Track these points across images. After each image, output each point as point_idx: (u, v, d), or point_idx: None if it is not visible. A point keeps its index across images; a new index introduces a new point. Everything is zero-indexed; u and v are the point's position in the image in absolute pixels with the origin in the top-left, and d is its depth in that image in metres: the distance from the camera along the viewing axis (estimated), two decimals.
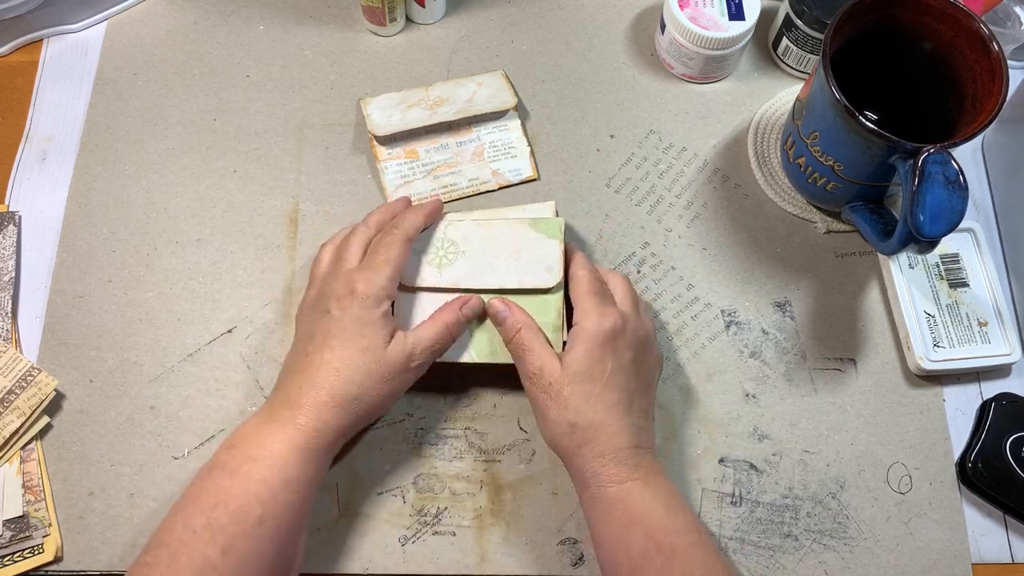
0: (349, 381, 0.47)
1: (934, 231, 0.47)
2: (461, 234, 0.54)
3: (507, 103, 0.62)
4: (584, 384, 0.47)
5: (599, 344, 0.48)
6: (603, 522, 0.46)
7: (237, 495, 0.43)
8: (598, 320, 0.48)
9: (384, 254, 0.49)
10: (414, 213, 0.53)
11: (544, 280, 0.52)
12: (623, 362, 0.49)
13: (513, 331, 0.50)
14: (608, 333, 0.48)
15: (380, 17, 0.64)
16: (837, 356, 0.58)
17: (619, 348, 0.49)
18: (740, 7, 0.61)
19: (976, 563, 0.53)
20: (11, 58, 0.64)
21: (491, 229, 0.54)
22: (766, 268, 0.60)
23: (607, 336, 0.48)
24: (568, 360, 0.48)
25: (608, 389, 0.47)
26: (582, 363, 0.48)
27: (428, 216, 0.53)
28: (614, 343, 0.48)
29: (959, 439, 0.56)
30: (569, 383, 0.47)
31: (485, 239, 0.54)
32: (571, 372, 0.47)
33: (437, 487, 0.53)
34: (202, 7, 0.66)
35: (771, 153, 0.63)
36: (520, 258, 0.53)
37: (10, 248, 0.57)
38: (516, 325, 0.50)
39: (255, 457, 0.45)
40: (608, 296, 0.51)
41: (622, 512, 0.46)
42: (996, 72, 0.50)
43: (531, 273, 0.52)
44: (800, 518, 0.54)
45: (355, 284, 0.48)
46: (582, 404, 0.47)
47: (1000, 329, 0.58)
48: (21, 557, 0.49)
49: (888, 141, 0.49)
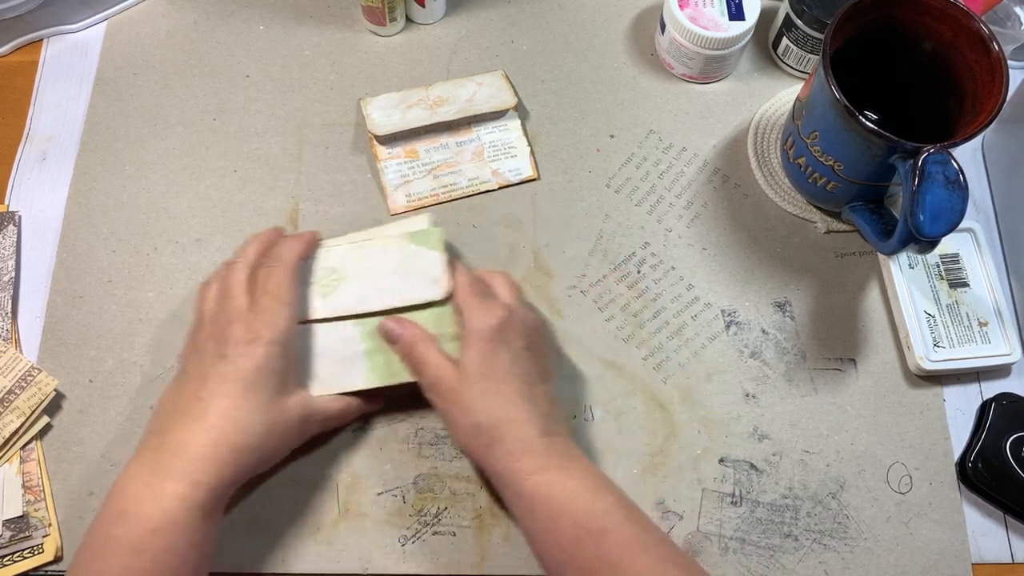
0: (248, 432, 0.45)
1: (934, 231, 0.47)
2: (339, 259, 0.53)
3: (507, 103, 0.62)
4: (482, 383, 0.47)
5: (488, 340, 0.48)
6: (529, 518, 0.45)
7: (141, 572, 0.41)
8: (483, 317, 0.48)
9: (275, 291, 0.48)
10: (293, 241, 0.51)
11: (432, 293, 0.51)
12: (516, 352, 0.48)
13: (408, 347, 0.49)
14: (496, 327, 0.48)
15: (380, 17, 0.64)
16: (837, 356, 0.58)
17: (510, 339, 0.48)
18: (740, 7, 0.61)
19: (976, 563, 0.53)
20: (11, 58, 0.64)
21: (369, 249, 0.53)
22: (766, 268, 0.60)
23: (495, 330, 0.48)
24: (463, 364, 0.47)
25: (506, 383, 0.47)
26: (476, 363, 0.47)
27: (307, 244, 0.52)
28: (504, 335, 0.48)
29: (959, 439, 0.56)
30: (468, 385, 0.47)
31: (364, 259, 0.53)
32: (467, 374, 0.47)
33: (437, 487, 0.53)
34: (202, 7, 0.66)
35: (771, 153, 0.63)
36: (404, 275, 0.52)
37: (10, 248, 0.57)
38: (411, 340, 0.49)
39: (153, 529, 0.42)
40: (490, 294, 0.51)
41: (545, 504, 0.45)
42: (996, 72, 0.50)
43: (418, 288, 0.52)
44: (800, 518, 0.54)
45: (258, 329, 0.46)
46: (483, 403, 0.47)
47: (1000, 329, 0.58)
48: (21, 557, 0.49)
49: (888, 141, 0.49)
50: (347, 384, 0.51)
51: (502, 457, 0.46)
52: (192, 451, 0.44)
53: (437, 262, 0.52)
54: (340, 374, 0.51)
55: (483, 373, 0.47)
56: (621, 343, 0.57)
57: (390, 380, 0.51)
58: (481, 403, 0.46)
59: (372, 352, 0.51)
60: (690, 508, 0.53)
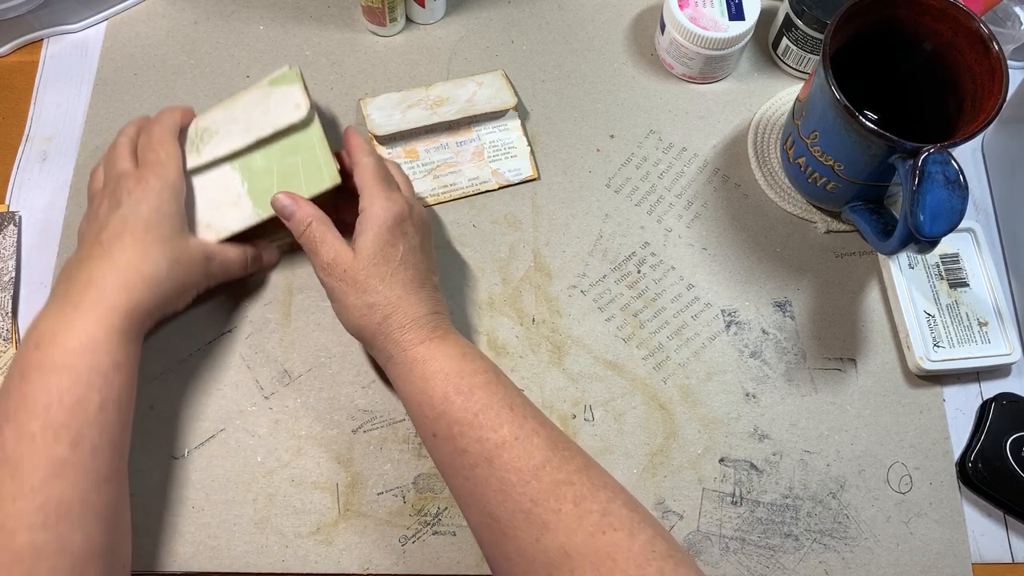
0: (154, 262, 0.47)
1: (934, 231, 0.47)
2: (210, 120, 0.55)
3: (507, 103, 0.62)
4: (379, 266, 0.48)
5: (388, 228, 0.49)
6: (406, 380, 0.48)
7: (69, 388, 0.42)
8: (386, 205, 0.49)
9: (162, 150, 0.51)
10: (169, 112, 0.54)
11: (294, 115, 0.54)
12: (413, 244, 0.50)
13: (303, 225, 0.50)
14: (397, 216, 0.49)
15: (380, 17, 0.64)
16: (837, 356, 0.58)
17: (408, 231, 0.50)
18: (740, 7, 0.61)
19: (976, 563, 0.54)
20: (11, 58, 0.64)
21: (237, 103, 0.55)
22: (766, 268, 0.60)
23: (396, 220, 0.49)
24: (360, 245, 0.49)
25: (402, 268, 0.49)
26: (374, 247, 0.49)
27: (182, 112, 0.54)
28: (403, 226, 0.50)
29: (959, 439, 0.56)
30: (364, 267, 0.48)
31: (234, 112, 0.55)
32: (364, 256, 0.48)
33: (437, 487, 0.53)
34: (202, 7, 0.66)
35: (771, 153, 0.63)
36: (269, 111, 0.54)
37: (10, 248, 0.57)
38: (306, 219, 0.50)
39: (75, 348, 0.43)
40: (394, 182, 0.52)
41: (422, 368, 0.47)
42: (996, 72, 0.50)
43: (280, 115, 0.54)
44: (800, 518, 0.54)
45: (148, 177, 0.49)
46: (379, 284, 0.48)
47: (1000, 329, 0.58)
48: None
49: (888, 141, 0.49)
50: (238, 223, 0.53)
51: (392, 330, 0.48)
52: (101, 283, 0.46)
53: (296, 91, 0.55)
54: (229, 216, 0.53)
55: (380, 256, 0.49)
56: (621, 343, 0.57)
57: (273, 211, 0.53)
58: (377, 284, 0.48)
59: (254, 191, 0.54)
60: (690, 508, 0.53)
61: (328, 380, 0.55)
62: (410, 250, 0.50)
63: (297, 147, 0.54)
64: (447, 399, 0.46)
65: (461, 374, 0.47)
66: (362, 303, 0.48)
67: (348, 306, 0.49)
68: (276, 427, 0.54)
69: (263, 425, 0.54)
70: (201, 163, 0.53)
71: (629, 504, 0.43)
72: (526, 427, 0.45)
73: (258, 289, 0.57)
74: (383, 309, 0.48)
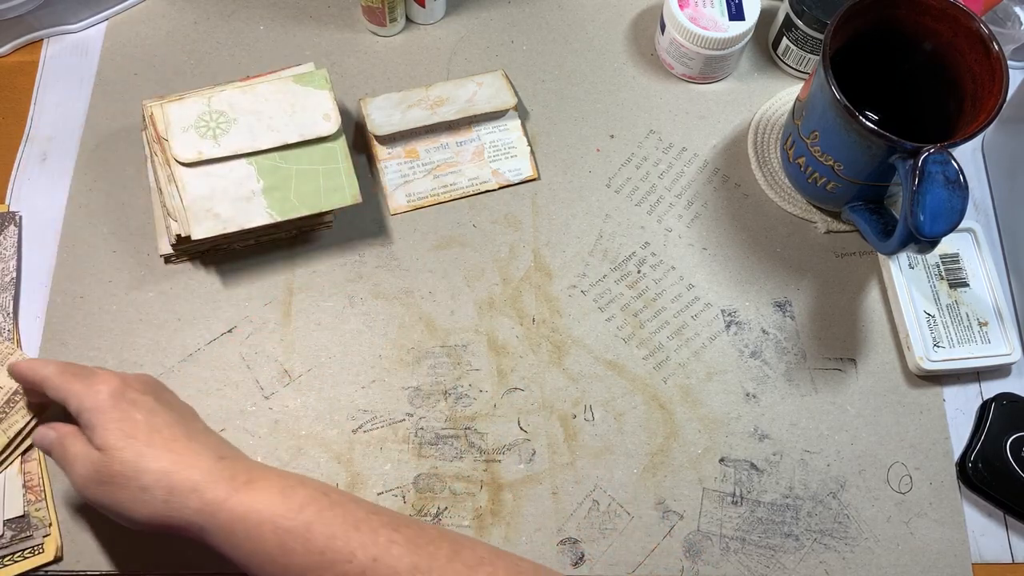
0: None
1: (934, 231, 0.47)
2: (227, 102, 0.55)
3: (507, 103, 0.62)
4: (128, 447, 0.42)
5: (112, 407, 0.43)
6: (232, 547, 0.41)
7: None
8: (93, 391, 0.43)
9: None
10: None
11: (324, 128, 0.55)
12: (150, 406, 0.44)
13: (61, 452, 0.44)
14: (112, 394, 0.44)
15: (380, 17, 0.64)
16: (837, 356, 0.58)
17: (136, 400, 0.44)
18: (740, 7, 0.61)
19: (976, 563, 0.53)
20: (11, 58, 0.64)
21: (255, 92, 0.55)
22: (766, 268, 0.60)
23: (113, 397, 0.43)
24: (100, 442, 0.42)
25: (154, 433, 0.43)
26: (113, 432, 0.42)
27: None
28: (127, 397, 0.44)
29: (959, 439, 0.56)
30: (114, 457, 0.42)
31: (254, 102, 0.55)
32: (108, 448, 0.42)
33: (437, 487, 0.53)
34: (202, 7, 0.66)
35: (771, 153, 0.63)
36: (295, 113, 0.54)
37: (11, 248, 0.57)
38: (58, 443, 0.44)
39: None
40: (86, 370, 0.46)
41: (243, 526, 0.41)
42: (996, 72, 0.50)
43: (310, 124, 0.54)
44: (801, 518, 0.54)
45: None
46: (140, 462, 0.42)
47: (1000, 329, 0.58)
48: (21, 557, 0.49)
49: (888, 141, 0.49)
50: (248, 221, 0.53)
51: (185, 501, 0.41)
52: None
53: (326, 99, 0.55)
54: (240, 212, 0.53)
55: (125, 436, 0.42)
56: (621, 343, 0.57)
57: (289, 215, 0.54)
58: (138, 463, 0.42)
59: (269, 189, 0.53)
60: (690, 508, 0.53)
61: (328, 380, 0.55)
62: (152, 412, 0.44)
63: (320, 155, 0.54)
64: (286, 549, 0.40)
65: (288, 514, 0.41)
66: (135, 490, 0.41)
67: (121, 505, 0.42)
68: (276, 427, 0.54)
69: (263, 425, 0.54)
70: (219, 155, 0.53)
71: (511, 569, 0.41)
72: (379, 542, 0.41)
73: (258, 289, 0.57)
74: (160, 486, 0.41)
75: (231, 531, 0.41)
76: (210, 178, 0.53)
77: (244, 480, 0.42)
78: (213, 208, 0.53)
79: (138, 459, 0.42)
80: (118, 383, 0.44)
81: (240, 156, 0.54)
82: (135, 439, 0.42)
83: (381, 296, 0.58)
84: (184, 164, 0.53)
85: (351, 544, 0.40)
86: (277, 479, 0.43)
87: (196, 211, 0.53)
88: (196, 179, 0.53)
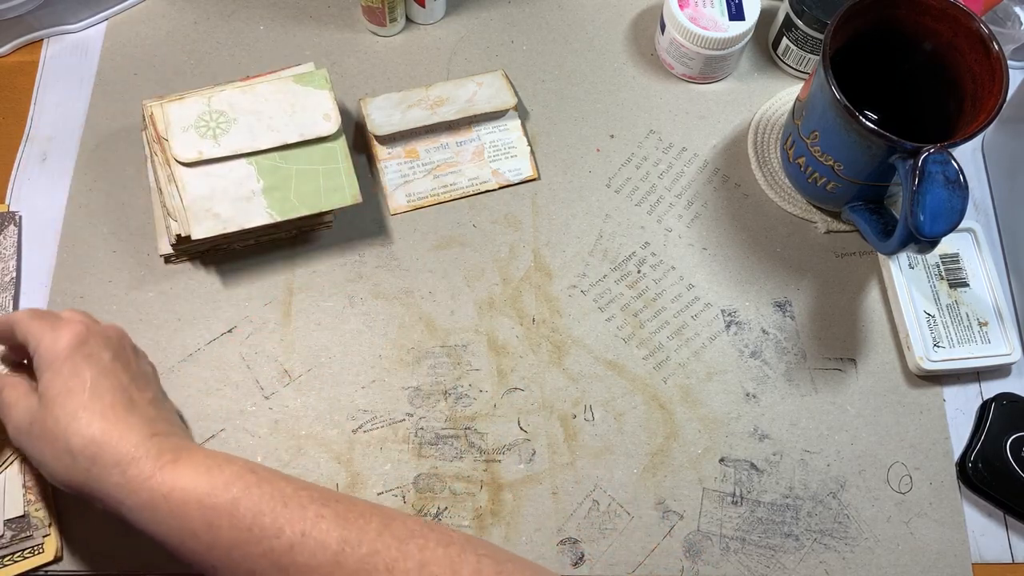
0: None
1: (934, 231, 0.47)
2: (227, 102, 0.55)
3: (507, 103, 0.62)
4: (66, 403, 0.41)
5: (65, 358, 0.42)
6: (154, 523, 0.41)
7: None
8: (54, 336, 0.43)
9: None
10: None
11: (324, 128, 0.55)
12: (103, 365, 0.43)
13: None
14: (72, 343, 0.43)
15: (380, 17, 0.64)
16: (837, 356, 0.58)
17: (93, 353, 0.43)
18: (740, 7, 0.61)
19: (976, 563, 0.54)
20: (11, 58, 0.64)
21: (256, 92, 0.55)
22: (766, 268, 0.60)
23: (72, 347, 0.43)
24: (42, 389, 0.42)
25: (95, 397, 0.42)
26: (55, 385, 0.42)
27: None
28: (84, 349, 0.43)
29: (959, 439, 0.56)
30: (50, 411, 0.41)
31: (251, 102, 0.55)
32: (49, 399, 0.42)
33: (437, 487, 0.53)
34: (202, 7, 0.66)
35: (771, 153, 0.63)
36: (295, 113, 0.55)
37: (11, 248, 0.57)
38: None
39: None
40: (54, 315, 0.45)
41: (165, 504, 0.40)
42: (996, 72, 0.50)
43: (310, 124, 0.54)
44: (801, 518, 0.54)
45: None
46: (72, 423, 0.41)
47: (1000, 329, 0.58)
48: (21, 557, 0.49)
49: (888, 141, 0.49)
50: (248, 221, 0.53)
51: (108, 473, 0.41)
52: None
53: (326, 99, 0.55)
54: (240, 212, 0.53)
55: (65, 392, 0.42)
56: (621, 343, 0.57)
57: (289, 215, 0.54)
58: (69, 424, 0.41)
59: (269, 189, 0.54)
60: (690, 508, 0.53)
61: (328, 380, 0.55)
62: (102, 373, 0.43)
63: (320, 155, 0.54)
64: (211, 526, 0.40)
65: (214, 492, 0.40)
66: (60, 450, 0.41)
67: (46, 461, 0.41)
68: (276, 427, 0.54)
69: (263, 425, 0.54)
70: (219, 155, 0.53)
71: (443, 540, 0.41)
72: (308, 516, 0.40)
73: (258, 289, 0.57)
74: (85, 453, 0.41)
75: (153, 508, 0.40)
76: (210, 178, 0.53)
77: (170, 459, 0.41)
78: (213, 208, 0.53)
79: (70, 420, 0.41)
80: (81, 332, 0.44)
81: (240, 156, 0.54)
82: (74, 397, 0.42)
83: (381, 296, 0.58)
84: (184, 164, 0.53)
85: (279, 520, 0.40)
86: (203, 458, 0.42)
87: (196, 211, 0.53)
88: (196, 179, 0.53)
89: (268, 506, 0.40)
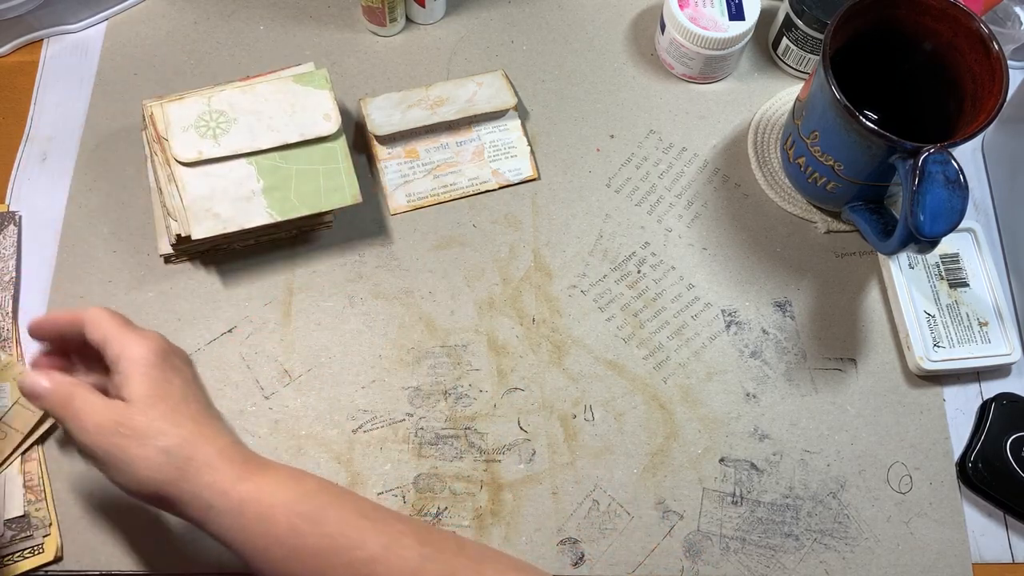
0: None
1: (934, 231, 0.47)
2: (227, 102, 0.55)
3: (507, 103, 0.62)
4: (159, 405, 0.42)
5: (155, 365, 0.43)
6: (239, 528, 0.41)
7: None
8: (142, 343, 0.43)
9: None
10: None
11: (325, 128, 0.55)
12: (187, 377, 0.45)
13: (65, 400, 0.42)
14: (160, 351, 0.44)
15: (380, 17, 0.64)
16: (837, 356, 0.58)
17: (177, 365, 0.44)
18: (740, 7, 0.61)
19: (976, 563, 0.54)
20: (11, 58, 0.64)
21: (256, 92, 0.55)
22: (766, 268, 0.60)
23: (161, 354, 0.44)
24: (130, 392, 0.42)
25: (186, 403, 0.43)
26: (147, 386, 0.42)
27: None
28: (170, 360, 0.44)
29: (959, 439, 0.56)
30: (142, 410, 0.41)
31: (254, 102, 0.55)
32: (139, 399, 0.42)
33: (437, 487, 0.53)
34: (202, 7, 0.66)
35: (771, 153, 0.63)
36: (295, 113, 0.55)
37: (11, 248, 0.57)
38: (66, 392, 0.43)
39: None
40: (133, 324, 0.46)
41: (255, 507, 0.41)
42: (996, 72, 0.50)
43: (310, 124, 0.54)
44: (801, 518, 0.54)
45: None
46: (166, 424, 0.41)
47: (1000, 329, 0.58)
48: (21, 557, 0.49)
49: (888, 141, 0.49)
50: (248, 221, 0.53)
51: (201, 474, 0.41)
52: None
53: (326, 99, 0.55)
54: (240, 212, 0.53)
55: (158, 395, 0.42)
56: (621, 343, 0.57)
57: (289, 215, 0.54)
58: (163, 424, 0.41)
59: (269, 189, 0.54)
60: (691, 508, 0.53)
61: (328, 380, 0.55)
62: (186, 383, 0.44)
63: (320, 155, 0.54)
64: (296, 532, 0.40)
65: (301, 499, 0.41)
66: (151, 450, 0.41)
67: (132, 461, 0.41)
68: (276, 427, 0.54)
69: (263, 425, 0.54)
70: (219, 155, 0.53)
71: (513, 566, 0.42)
72: (390, 532, 0.41)
73: (258, 289, 0.57)
74: (180, 451, 0.41)
75: (240, 512, 0.41)
76: (210, 178, 0.53)
77: (257, 464, 0.42)
78: (213, 208, 0.53)
79: (163, 419, 0.42)
80: (166, 346, 0.45)
81: (240, 156, 0.54)
82: (168, 401, 0.42)
83: (381, 296, 0.58)
84: (184, 164, 0.53)
85: (362, 532, 0.41)
86: (287, 468, 0.43)
87: (196, 211, 0.53)
88: (196, 179, 0.53)
89: (352, 517, 0.41)
